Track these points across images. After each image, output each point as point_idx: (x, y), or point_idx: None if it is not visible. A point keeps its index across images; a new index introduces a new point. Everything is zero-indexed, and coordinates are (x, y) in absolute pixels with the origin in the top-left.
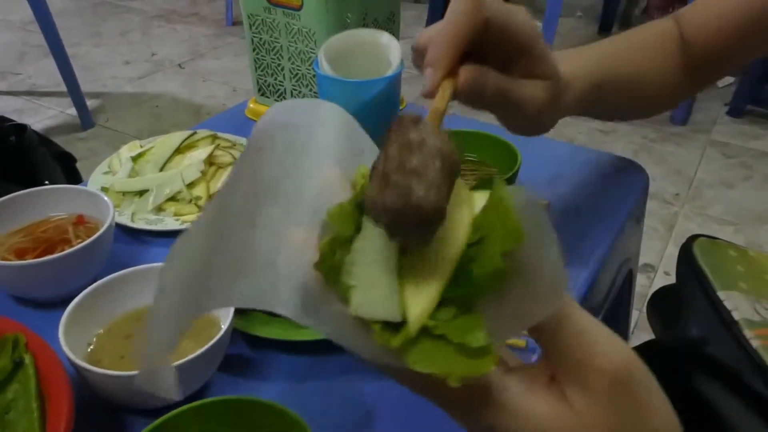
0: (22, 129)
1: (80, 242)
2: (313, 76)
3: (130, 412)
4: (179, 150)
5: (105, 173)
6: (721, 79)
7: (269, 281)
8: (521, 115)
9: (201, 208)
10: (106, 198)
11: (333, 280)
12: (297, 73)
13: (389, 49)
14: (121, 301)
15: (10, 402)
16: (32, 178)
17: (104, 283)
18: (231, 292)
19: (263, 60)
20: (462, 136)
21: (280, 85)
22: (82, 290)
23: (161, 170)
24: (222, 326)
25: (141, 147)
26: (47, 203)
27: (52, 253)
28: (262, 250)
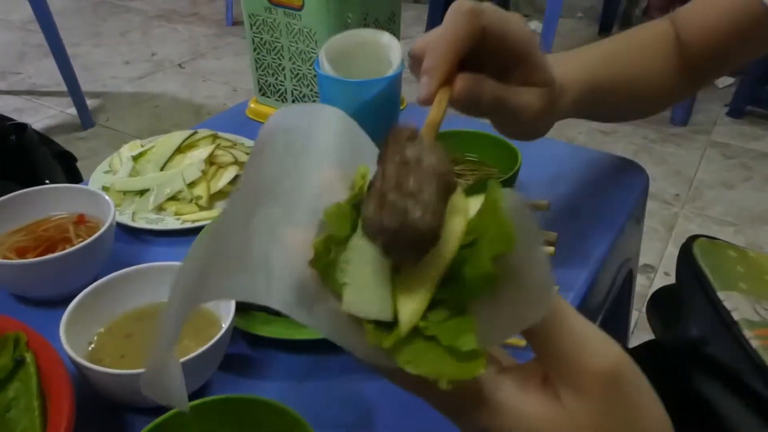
0: (22, 128)
1: (81, 241)
2: (314, 76)
3: (130, 410)
4: (180, 149)
5: (106, 172)
6: (720, 80)
7: (265, 277)
8: (517, 122)
9: (201, 208)
10: (107, 197)
11: (328, 278)
12: (298, 73)
13: (390, 49)
14: (122, 300)
15: (11, 400)
16: (33, 178)
17: (105, 282)
18: (226, 285)
19: (264, 60)
20: (462, 136)
21: (281, 85)
22: (83, 289)
23: (162, 170)
24: (223, 325)
25: (142, 146)
26: (48, 202)
27: (53, 252)
28: (259, 248)
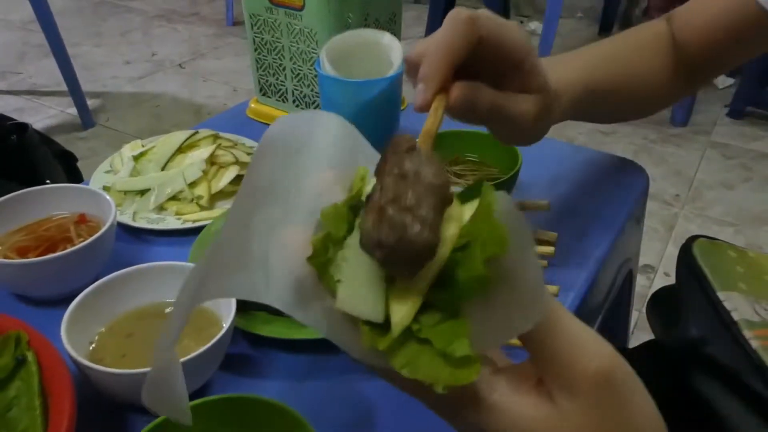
0: (23, 128)
1: (82, 241)
2: (315, 76)
3: (131, 409)
4: (181, 149)
5: (107, 172)
6: (720, 81)
7: (264, 275)
8: (513, 128)
9: (202, 208)
10: (108, 197)
11: (325, 276)
12: (299, 74)
13: (390, 50)
14: (123, 299)
15: (12, 399)
16: (33, 177)
17: (106, 281)
18: (226, 284)
19: (265, 60)
20: (462, 136)
21: (282, 85)
22: (84, 289)
23: (163, 169)
24: (223, 325)
25: (143, 146)
26: (49, 202)
27: (54, 251)
28: (259, 247)
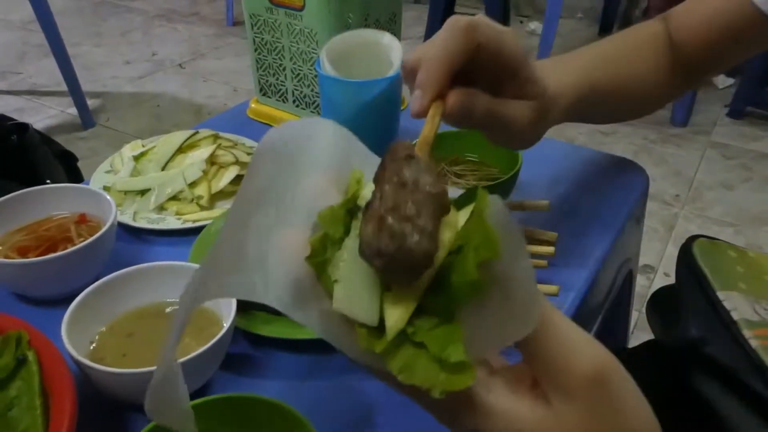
0: (23, 128)
1: (82, 241)
2: (315, 76)
3: (132, 409)
4: (181, 149)
5: (107, 172)
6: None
7: (262, 276)
8: (508, 134)
9: (203, 208)
10: (108, 197)
11: (323, 276)
12: (299, 74)
13: (391, 50)
14: (123, 299)
15: (13, 399)
16: (34, 177)
17: (106, 281)
18: (225, 284)
19: (265, 60)
20: (462, 136)
21: (282, 85)
22: (85, 288)
23: (163, 169)
24: (224, 325)
25: (143, 146)
26: (49, 202)
27: (54, 251)
28: (257, 248)
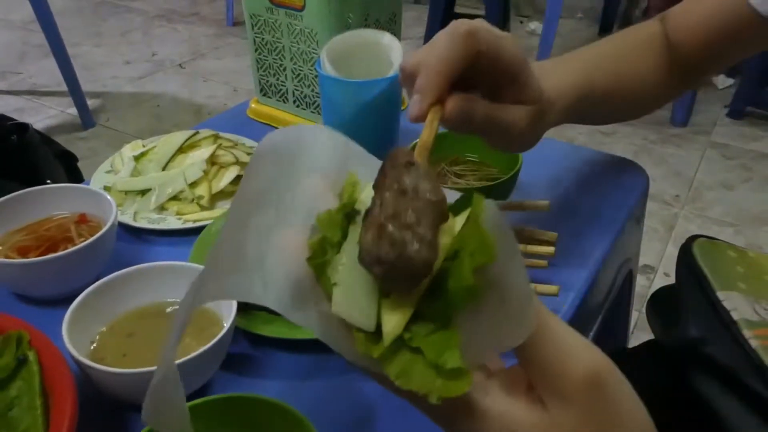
0: (23, 128)
1: (83, 241)
2: (315, 76)
3: (132, 409)
4: (181, 149)
5: (107, 172)
6: (720, 81)
7: (261, 277)
8: (506, 138)
9: (203, 208)
10: (108, 197)
11: (322, 277)
12: (299, 74)
13: (391, 50)
14: (124, 299)
15: (14, 399)
16: (34, 177)
17: (107, 281)
18: (224, 286)
19: (265, 60)
20: (462, 136)
21: (282, 85)
22: (85, 288)
23: (163, 169)
24: (224, 325)
25: (143, 146)
26: (50, 202)
27: (54, 251)
28: (255, 250)
